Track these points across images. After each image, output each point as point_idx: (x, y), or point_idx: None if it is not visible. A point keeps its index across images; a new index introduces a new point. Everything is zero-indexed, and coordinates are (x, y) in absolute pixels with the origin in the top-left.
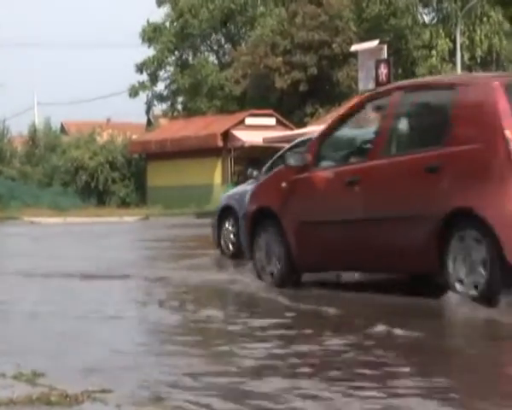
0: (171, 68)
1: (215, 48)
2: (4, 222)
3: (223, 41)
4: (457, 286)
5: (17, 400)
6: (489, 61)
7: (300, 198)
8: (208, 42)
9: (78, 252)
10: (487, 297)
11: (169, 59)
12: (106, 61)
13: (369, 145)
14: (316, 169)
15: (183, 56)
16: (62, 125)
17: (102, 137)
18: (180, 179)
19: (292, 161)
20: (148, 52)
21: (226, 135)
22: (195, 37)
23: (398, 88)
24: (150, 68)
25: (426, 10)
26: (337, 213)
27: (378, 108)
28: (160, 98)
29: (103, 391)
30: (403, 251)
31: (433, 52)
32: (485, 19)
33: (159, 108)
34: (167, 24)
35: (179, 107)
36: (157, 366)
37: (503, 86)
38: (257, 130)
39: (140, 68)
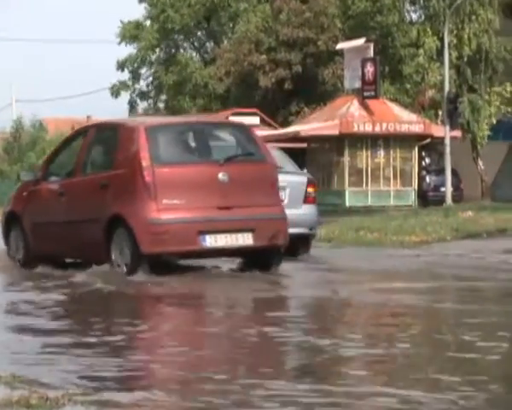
0: (153, 66)
1: (197, 45)
2: None
3: (205, 38)
4: (117, 267)
5: None
6: (477, 60)
7: (33, 205)
8: (191, 39)
9: None
10: (131, 272)
11: (151, 56)
12: (86, 57)
13: (72, 166)
14: (44, 183)
15: (167, 53)
16: (41, 123)
17: None
18: None
19: (25, 177)
20: (129, 49)
21: None
22: (177, 33)
23: (94, 126)
24: (132, 66)
25: (413, 8)
26: (53, 217)
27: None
28: (142, 96)
29: (84, 394)
30: (88, 245)
31: (421, 51)
32: (473, 17)
33: (140, 106)
34: (148, 22)
35: (161, 105)
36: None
37: (144, 128)
38: None
39: (121, 66)
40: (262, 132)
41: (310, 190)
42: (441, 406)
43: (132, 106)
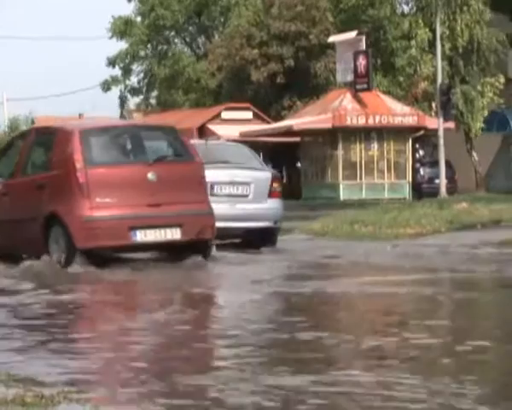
0: (145, 61)
1: (188, 40)
2: None
3: (196, 33)
4: (55, 260)
5: None
6: (470, 51)
7: None
8: (182, 34)
9: None
10: (67, 264)
11: (142, 52)
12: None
13: (14, 168)
14: None
15: (159, 48)
16: (33, 121)
17: None
18: None
19: None
20: (120, 45)
21: (202, 129)
22: (169, 29)
23: (34, 129)
24: (123, 62)
25: (404, 0)
26: (1, 215)
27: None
28: (134, 91)
29: (80, 392)
30: (29, 241)
31: (413, 43)
32: (465, 8)
33: (132, 101)
34: (138, 18)
35: (153, 101)
36: None
37: (79, 132)
38: (233, 124)
39: (112, 62)
40: (255, 127)
41: (274, 185)
42: None
43: (123, 101)
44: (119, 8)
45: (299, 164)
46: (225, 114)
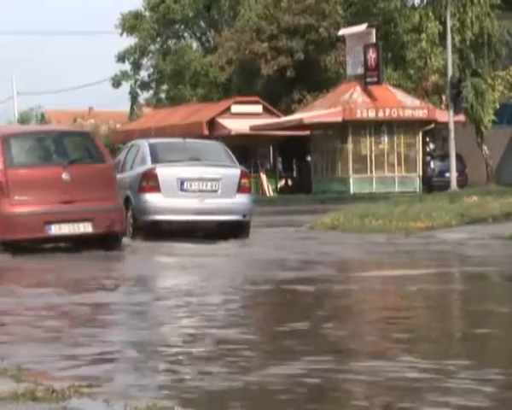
0: (154, 55)
1: (198, 34)
2: None
3: (206, 27)
4: None
5: (1, 396)
6: (480, 44)
7: None
8: (191, 28)
9: None
10: None
11: (151, 46)
12: (87, 48)
13: None
14: None
15: (167, 43)
16: (43, 115)
17: (85, 127)
18: None
19: None
20: (130, 40)
21: (212, 123)
22: (178, 23)
23: None
24: (133, 57)
25: None
26: None
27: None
28: (144, 86)
29: (90, 386)
30: None
31: (423, 36)
32: (475, 0)
33: (142, 96)
34: (147, 12)
35: (162, 95)
36: None
37: (0, 136)
38: (243, 118)
39: (122, 57)
40: (265, 121)
41: (243, 181)
42: None
43: (133, 96)
44: (129, 2)
45: (308, 158)
46: (235, 108)
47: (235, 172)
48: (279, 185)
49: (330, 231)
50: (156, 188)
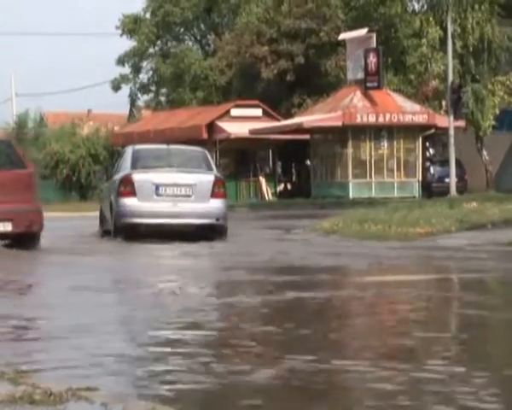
0: (153, 58)
1: (198, 38)
2: None
3: (206, 30)
4: None
5: None
6: (481, 50)
7: None
8: (191, 31)
9: None
10: None
11: (151, 49)
12: (87, 50)
13: None
14: None
15: (167, 45)
16: (41, 117)
17: (83, 130)
18: None
19: None
20: (130, 43)
21: (211, 126)
22: (178, 26)
23: None
24: (132, 60)
25: None
26: None
27: None
28: (143, 89)
29: (88, 389)
30: None
31: (424, 41)
32: (476, 6)
33: (141, 99)
34: (147, 15)
35: (162, 98)
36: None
37: None
38: (243, 121)
39: (121, 61)
40: (264, 124)
41: (217, 186)
42: None
43: (133, 99)
44: (129, 5)
45: (308, 162)
46: (235, 112)
47: (209, 178)
48: (278, 189)
49: (331, 235)
50: (132, 193)
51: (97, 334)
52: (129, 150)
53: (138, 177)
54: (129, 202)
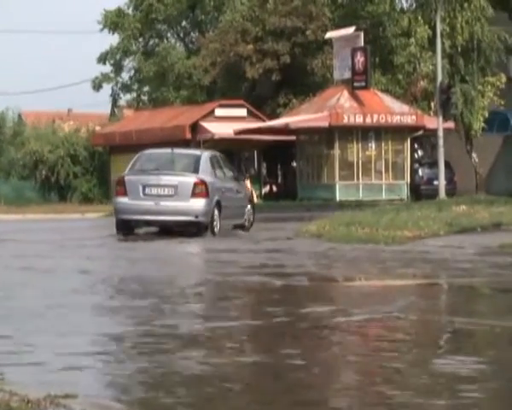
0: (136, 56)
1: (181, 35)
2: None
3: (190, 27)
4: None
5: None
6: (470, 50)
7: None
8: (175, 29)
9: None
10: None
11: (134, 47)
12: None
13: None
14: None
15: (149, 43)
16: (20, 116)
17: (63, 129)
18: None
19: None
20: (111, 39)
21: (195, 127)
22: (161, 23)
23: None
24: (114, 57)
25: None
26: None
27: None
28: (125, 88)
29: (67, 396)
30: None
31: (412, 40)
32: (465, 4)
33: (123, 98)
34: (130, 10)
35: (145, 97)
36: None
37: None
38: (227, 121)
39: (103, 59)
40: (249, 125)
41: (197, 187)
42: None
43: (115, 98)
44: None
45: (294, 163)
46: (219, 112)
47: (190, 179)
48: (263, 191)
49: (316, 238)
50: (124, 192)
51: None
52: (137, 155)
53: (129, 179)
54: (122, 201)
